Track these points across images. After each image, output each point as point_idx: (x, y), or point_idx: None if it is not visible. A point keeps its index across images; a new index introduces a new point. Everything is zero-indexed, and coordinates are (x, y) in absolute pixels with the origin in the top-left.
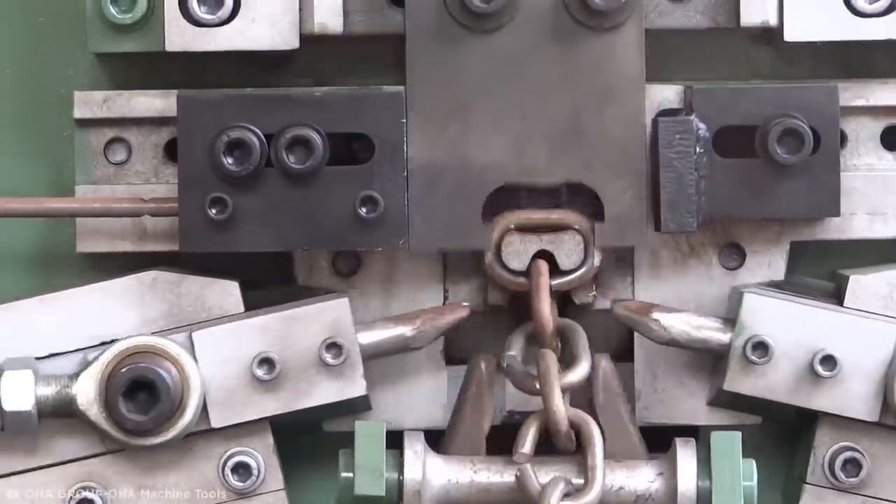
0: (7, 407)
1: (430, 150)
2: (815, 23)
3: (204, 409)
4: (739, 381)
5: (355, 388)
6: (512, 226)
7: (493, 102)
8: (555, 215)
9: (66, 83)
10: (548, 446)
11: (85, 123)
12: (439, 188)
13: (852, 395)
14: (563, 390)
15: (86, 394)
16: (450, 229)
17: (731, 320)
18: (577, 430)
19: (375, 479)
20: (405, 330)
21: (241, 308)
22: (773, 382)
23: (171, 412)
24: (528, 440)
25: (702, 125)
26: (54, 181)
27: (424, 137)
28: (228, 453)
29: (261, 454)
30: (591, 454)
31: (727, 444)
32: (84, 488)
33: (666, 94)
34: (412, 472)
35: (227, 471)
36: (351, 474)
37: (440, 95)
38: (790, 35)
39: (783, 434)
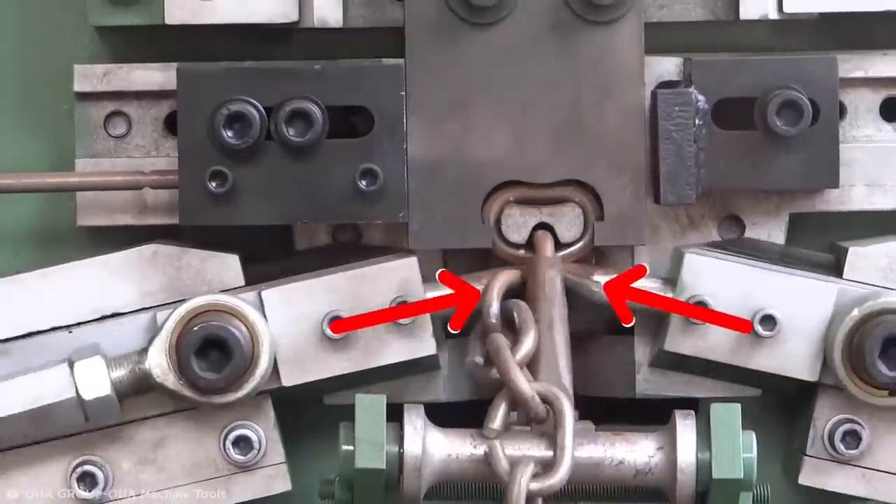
0: (87, 396)
1: (430, 147)
2: None
3: (275, 369)
4: (680, 342)
5: (425, 346)
6: (511, 198)
7: (493, 97)
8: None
9: (66, 56)
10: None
11: (85, 97)
12: (439, 185)
13: (793, 355)
14: (520, 365)
15: (160, 365)
16: (450, 227)
17: (672, 280)
18: (549, 405)
19: (376, 453)
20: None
21: (242, 282)
22: (714, 343)
23: (243, 370)
24: (497, 416)
25: (701, 97)
26: (54, 155)
27: (423, 134)
28: (229, 426)
29: (262, 427)
30: (561, 434)
31: (727, 416)
32: (85, 462)
33: (665, 66)
34: (412, 446)
35: (228, 444)
36: (351, 447)
37: (439, 90)
38: (789, 7)
39: (783, 406)
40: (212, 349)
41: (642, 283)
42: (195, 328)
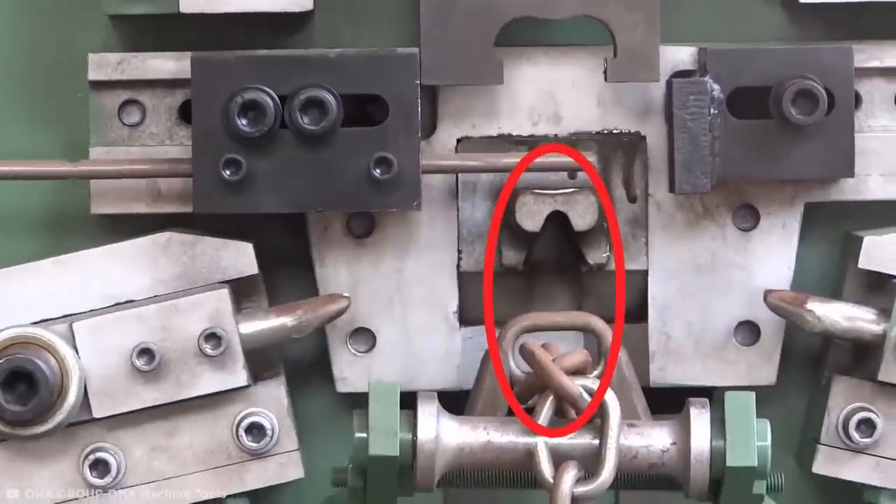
0: None
1: None
2: None
3: (85, 399)
4: (894, 373)
5: (237, 378)
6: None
7: None
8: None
9: (80, 46)
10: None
11: (99, 86)
12: (451, 20)
13: None
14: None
15: None
16: (462, 63)
17: (885, 311)
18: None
19: (389, 440)
20: (287, 320)
21: (256, 269)
22: None
23: (50, 402)
24: (543, 412)
25: (716, 86)
26: (68, 143)
27: None
28: (242, 414)
29: (275, 415)
30: (607, 435)
31: (741, 404)
32: (98, 449)
33: (680, 56)
34: (426, 433)
35: (241, 431)
36: (365, 435)
37: None
38: None
39: (797, 394)
40: (19, 382)
41: (855, 313)
42: (1, 360)
